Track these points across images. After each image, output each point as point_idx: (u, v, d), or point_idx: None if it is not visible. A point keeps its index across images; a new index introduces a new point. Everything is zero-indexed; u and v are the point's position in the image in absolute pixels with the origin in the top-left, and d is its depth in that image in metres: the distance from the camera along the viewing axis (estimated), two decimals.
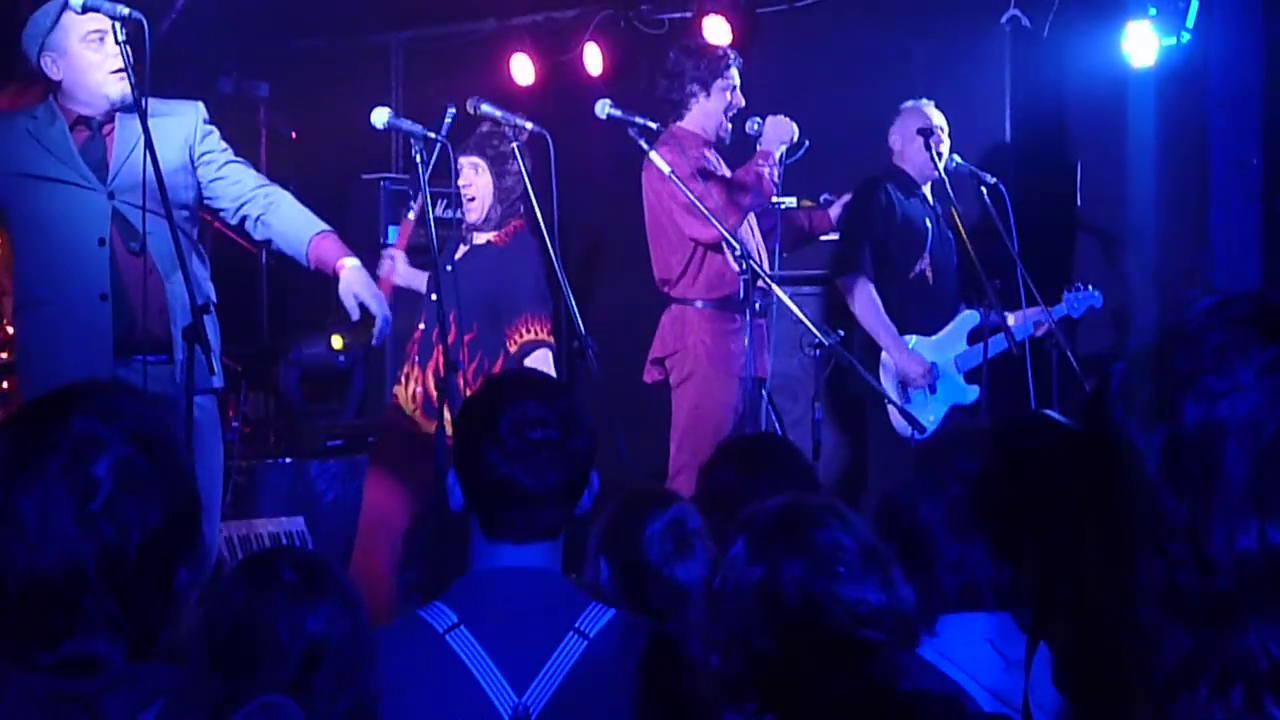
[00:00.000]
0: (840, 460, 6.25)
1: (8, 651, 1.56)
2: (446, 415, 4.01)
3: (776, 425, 5.77)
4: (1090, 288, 5.87)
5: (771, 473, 3.30)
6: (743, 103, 5.53)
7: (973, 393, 5.74)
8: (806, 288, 6.19)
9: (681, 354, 5.36)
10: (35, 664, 1.55)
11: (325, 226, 4.32)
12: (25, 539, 1.54)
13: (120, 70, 3.95)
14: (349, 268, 4.19)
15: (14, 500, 1.55)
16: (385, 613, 4.61)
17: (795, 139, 5.43)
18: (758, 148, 5.43)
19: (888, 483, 4.26)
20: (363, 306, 4.16)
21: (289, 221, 4.31)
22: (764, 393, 5.50)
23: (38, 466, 1.56)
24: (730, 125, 5.51)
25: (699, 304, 5.35)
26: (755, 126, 5.45)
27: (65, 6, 3.93)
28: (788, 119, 5.43)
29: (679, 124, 5.46)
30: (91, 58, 4.03)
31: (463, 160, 4.99)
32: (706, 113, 5.47)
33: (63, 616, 1.55)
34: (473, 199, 5.08)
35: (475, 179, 5.06)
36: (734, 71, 5.50)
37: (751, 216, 5.55)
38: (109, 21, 3.86)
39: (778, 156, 5.38)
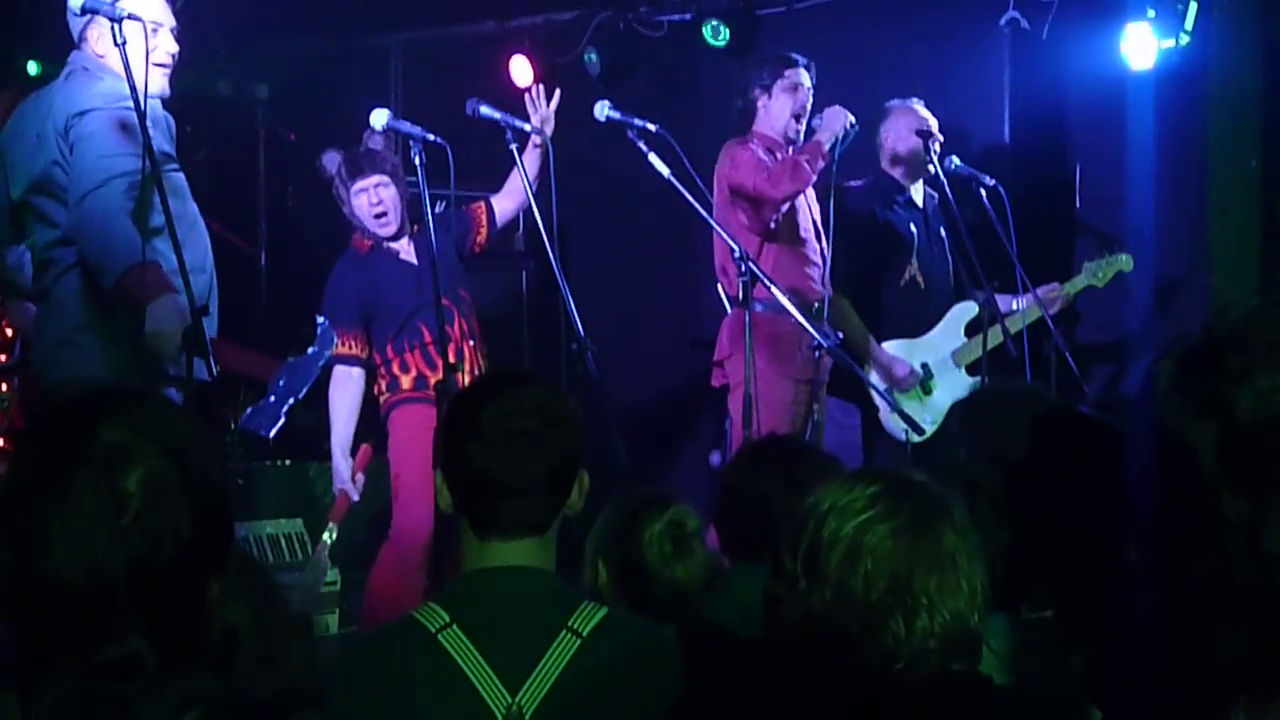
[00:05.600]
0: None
1: (37, 659, 1.52)
2: None
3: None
4: (1119, 252, 5.85)
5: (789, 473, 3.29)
6: (808, 103, 5.60)
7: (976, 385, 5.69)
8: None
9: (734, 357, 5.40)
10: (65, 670, 1.51)
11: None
12: (52, 553, 1.49)
13: (165, 65, 4.06)
14: None
15: (41, 513, 1.49)
16: None
17: (851, 126, 5.46)
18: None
19: None
20: None
21: None
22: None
23: (66, 479, 1.50)
24: (801, 127, 5.58)
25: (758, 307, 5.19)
26: (817, 121, 5.52)
27: None
28: (842, 108, 5.47)
29: (755, 127, 5.63)
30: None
31: (365, 182, 5.12)
32: (772, 115, 5.61)
33: (91, 628, 1.50)
34: (385, 214, 5.17)
35: (385, 194, 5.16)
36: (799, 73, 5.59)
37: (814, 221, 5.62)
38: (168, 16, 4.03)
39: (828, 146, 5.41)
